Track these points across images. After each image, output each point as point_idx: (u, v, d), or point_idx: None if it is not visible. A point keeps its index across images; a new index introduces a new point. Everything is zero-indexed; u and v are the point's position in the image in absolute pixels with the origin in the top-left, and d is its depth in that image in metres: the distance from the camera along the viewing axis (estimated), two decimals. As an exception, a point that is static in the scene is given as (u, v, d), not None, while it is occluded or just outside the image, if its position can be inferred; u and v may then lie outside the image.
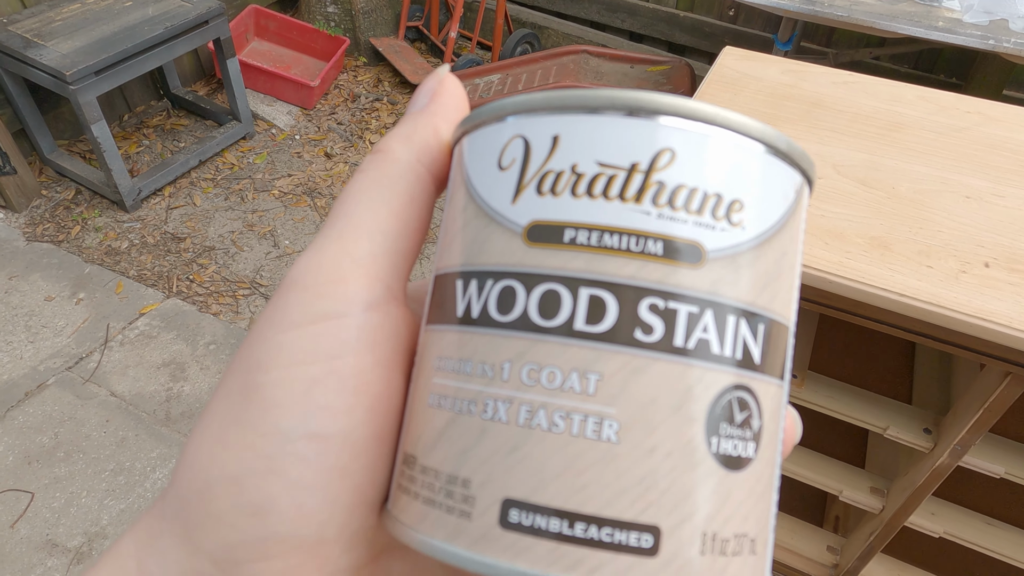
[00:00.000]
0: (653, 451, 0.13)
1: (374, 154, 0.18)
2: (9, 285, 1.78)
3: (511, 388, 0.14)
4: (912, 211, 0.73)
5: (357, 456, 0.16)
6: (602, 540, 0.13)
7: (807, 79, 0.94)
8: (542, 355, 0.14)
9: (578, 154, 0.14)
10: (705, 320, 0.14)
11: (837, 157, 0.80)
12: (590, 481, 0.13)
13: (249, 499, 0.15)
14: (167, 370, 1.61)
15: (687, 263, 0.14)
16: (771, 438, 0.15)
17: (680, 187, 0.14)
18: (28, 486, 1.37)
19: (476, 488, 0.14)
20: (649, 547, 0.13)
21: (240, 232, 1.99)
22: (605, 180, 0.14)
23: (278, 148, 2.29)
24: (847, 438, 1.09)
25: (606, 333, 0.14)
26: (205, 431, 0.16)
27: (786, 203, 0.15)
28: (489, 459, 0.14)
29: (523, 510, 0.13)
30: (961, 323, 0.63)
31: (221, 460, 0.15)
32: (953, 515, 0.90)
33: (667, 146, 0.14)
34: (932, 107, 0.89)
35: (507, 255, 0.15)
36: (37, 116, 1.99)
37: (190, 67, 2.48)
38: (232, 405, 0.16)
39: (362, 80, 2.63)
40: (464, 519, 0.14)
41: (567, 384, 0.13)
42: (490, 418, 0.14)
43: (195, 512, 0.15)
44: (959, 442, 0.75)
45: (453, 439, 0.14)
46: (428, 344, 0.17)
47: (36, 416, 1.49)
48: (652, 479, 0.13)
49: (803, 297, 0.70)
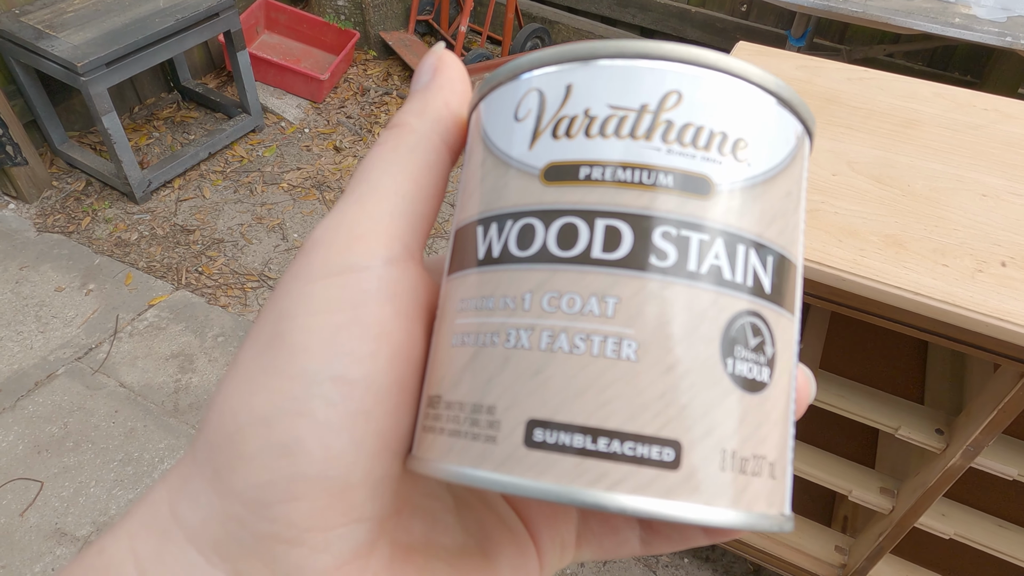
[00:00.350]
0: (671, 369, 0.14)
1: (390, 128, 0.19)
2: (20, 275, 1.79)
3: (533, 316, 0.14)
4: (927, 209, 0.72)
5: (380, 401, 0.16)
6: (624, 454, 0.14)
7: (821, 75, 0.93)
8: (562, 283, 0.14)
9: (591, 99, 0.15)
10: (716, 247, 0.15)
11: (851, 154, 0.80)
12: (612, 398, 0.14)
13: (278, 439, 0.16)
14: (176, 361, 1.61)
15: (697, 194, 0.15)
16: (785, 368, 0.16)
17: (688, 125, 0.15)
18: (37, 475, 1.38)
19: (501, 413, 0.14)
20: (671, 460, 0.14)
21: (249, 225, 1.99)
22: (617, 121, 0.15)
23: (287, 141, 2.29)
24: (857, 437, 1.08)
25: (623, 260, 0.14)
26: (234, 377, 0.17)
27: (788, 147, 0.16)
28: (513, 384, 0.14)
29: (547, 429, 0.14)
30: (977, 322, 0.62)
31: (250, 403, 0.16)
32: (964, 516, 0.89)
33: (674, 88, 0.15)
34: (948, 104, 0.88)
35: (526, 196, 0.16)
36: (48, 107, 2.00)
37: (200, 59, 2.49)
38: (260, 352, 0.16)
39: (372, 74, 2.63)
40: (490, 443, 0.14)
41: (587, 308, 0.14)
42: (513, 346, 0.14)
43: (225, 454, 0.16)
44: (972, 443, 0.74)
45: (477, 370, 0.15)
46: (450, 292, 0.17)
47: (46, 406, 1.50)
48: (672, 395, 0.14)
49: (816, 295, 0.69)
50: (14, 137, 1.86)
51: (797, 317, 0.17)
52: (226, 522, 0.16)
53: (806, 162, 0.18)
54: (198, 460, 0.17)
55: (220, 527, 0.16)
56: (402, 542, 0.18)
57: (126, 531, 0.17)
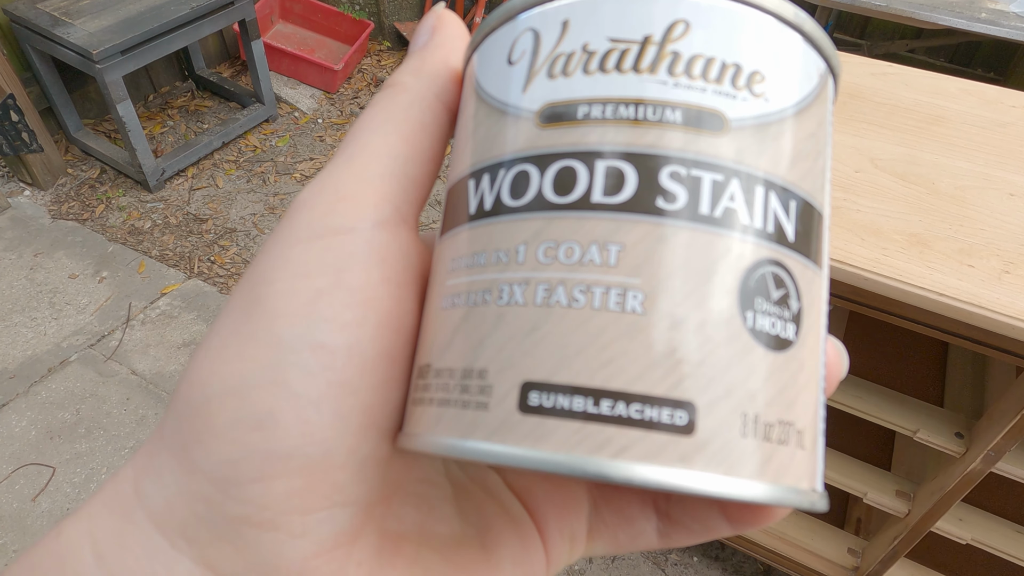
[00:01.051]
0: (683, 322, 0.12)
1: (385, 88, 0.18)
2: (34, 262, 1.80)
3: (527, 269, 0.13)
4: (953, 208, 0.71)
5: (365, 373, 0.15)
6: (631, 417, 0.12)
7: (844, 69, 0.91)
8: (559, 231, 0.13)
9: (589, 33, 0.14)
10: (731, 189, 0.13)
11: (875, 150, 0.78)
12: (616, 355, 0.12)
13: (251, 411, 0.14)
14: (187, 350, 1.62)
15: (709, 130, 0.13)
16: (813, 326, 0.14)
17: (696, 56, 0.13)
18: (50, 461, 1.39)
19: (493, 376, 0.13)
20: (684, 424, 0.12)
21: (261, 215, 2.00)
22: (618, 54, 0.13)
23: (300, 131, 2.29)
24: (873, 439, 1.06)
25: (626, 203, 0.13)
26: (207, 346, 0.15)
27: (810, 84, 0.15)
28: (506, 344, 0.13)
29: (544, 391, 0.12)
30: (1003, 325, 0.60)
31: (221, 372, 0.15)
32: (982, 522, 0.88)
33: (681, 17, 0.13)
34: (975, 100, 0.86)
35: (519, 141, 0.14)
36: (64, 95, 2.00)
37: (215, 48, 2.49)
38: (235, 319, 0.15)
39: (386, 65, 2.62)
40: (481, 411, 0.13)
41: (586, 258, 0.13)
42: (506, 303, 0.13)
43: (194, 428, 0.14)
44: (993, 448, 0.73)
45: (468, 332, 0.13)
46: (441, 253, 0.16)
47: (58, 392, 1.51)
48: (684, 352, 0.12)
49: (836, 294, 0.68)
50: (30, 124, 1.87)
51: (826, 272, 0.15)
52: (193, 502, 0.14)
53: (830, 105, 0.16)
54: (165, 435, 0.15)
55: (187, 508, 0.14)
56: (392, 531, 0.16)
57: (87, 513, 0.15)
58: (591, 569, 1.28)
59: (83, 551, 0.15)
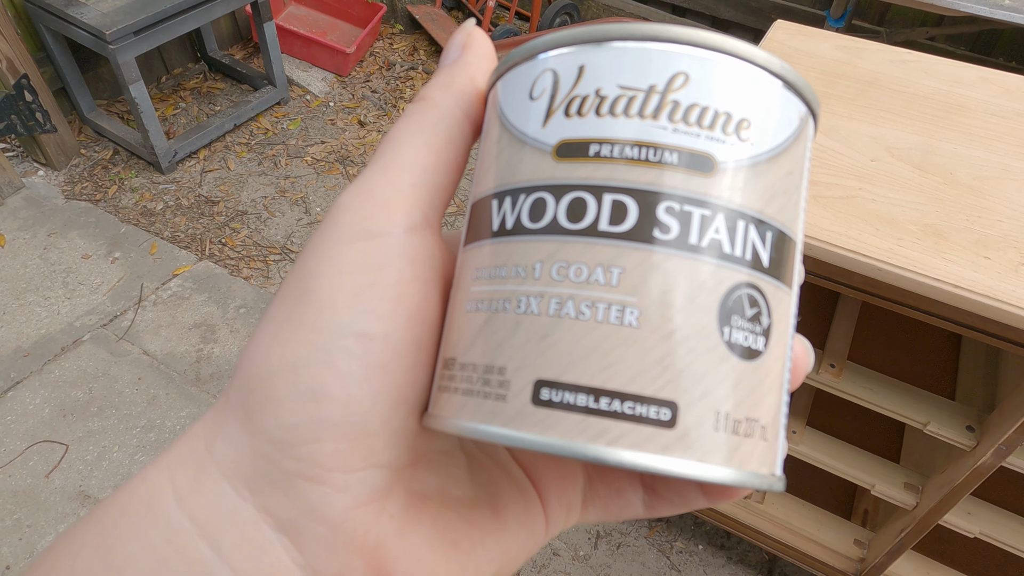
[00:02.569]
0: (671, 335, 0.15)
1: (416, 101, 0.20)
2: (48, 242, 1.81)
3: (542, 284, 0.15)
4: (970, 199, 0.70)
5: (398, 356, 0.17)
6: (624, 412, 0.14)
7: (863, 56, 0.90)
8: (570, 254, 0.15)
9: (602, 80, 0.16)
10: (717, 222, 0.15)
11: (891, 139, 0.77)
12: (614, 361, 0.15)
13: (305, 386, 0.17)
14: (198, 331, 1.63)
15: (700, 172, 0.15)
16: (780, 339, 0.17)
17: (693, 105, 0.15)
18: (63, 438, 1.41)
19: (511, 373, 0.15)
20: (667, 420, 0.15)
21: (272, 198, 2.00)
22: (626, 100, 0.16)
23: (312, 115, 2.28)
24: (882, 431, 1.06)
25: (628, 232, 0.15)
26: (264, 330, 0.18)
27: (791, 128, 0.17)
28: (522, 347, 0.15)
29: (553, 388, 0.15)
30: (1019, 318, 0.59)
31: (279, 353, 0.17)
32: (991, 516, 0.87)
33: (681, 70, 0.15)
34: (996, 89, 0.84)
35: (538, 171, 0.17)
36: (77, 75, 2.01)
37: (227, 30, 2.48)
38: (288, 307, 0.18)
39: (398, 48, 2.60)
40: (500, 401, 0.15)
41: (593, 277, 0.15)
42: (523, 311, 0.15)
43: (256, 398, 0.17)
44: (1004, 442, 0.72)
45: (489, 334, 0.16)
46: (466, 261, 0.18)
47: (71, 371, 1.53)
48: (670, 359, 0.15)
49: (848, 284, 0.67)
50: (44, 104, 1.88)
51: (795, 291, 0.18)
52: (256, 459, 0.17)
53: (809, 143, 0.18)
54: (231, 403, 0.18)
55: (250, 464, 0.17)
56: (416, 491, 0.19)
57: (166, 463, 0.18)
58: (596, 555, 1.29)
59: (166, 494, 0.17)
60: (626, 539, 1.32)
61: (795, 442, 0.94)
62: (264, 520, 0.17)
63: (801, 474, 1.14)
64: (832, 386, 0.84)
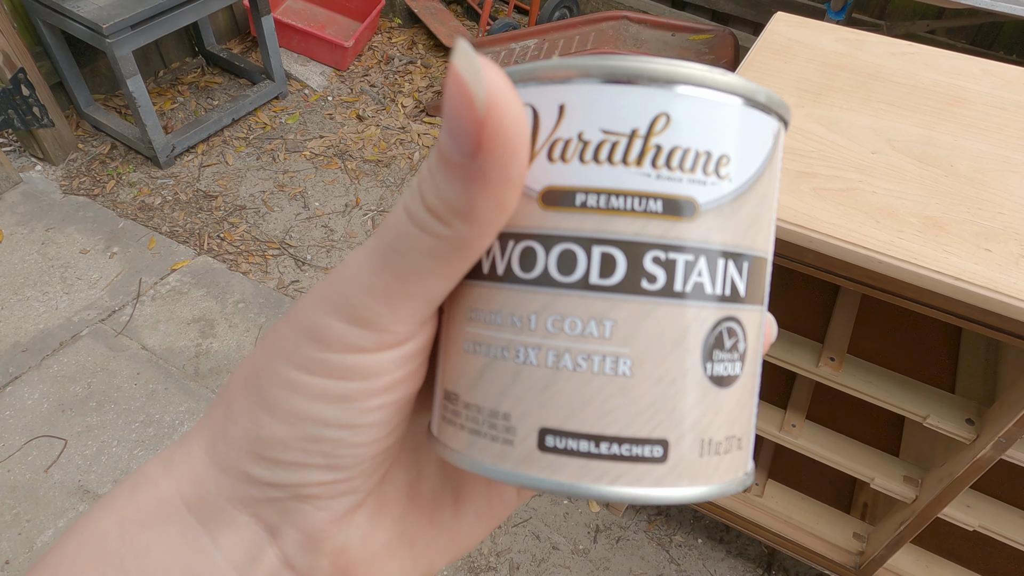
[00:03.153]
0: (660, 380, 0.16)
1: (420, 227, 0.16)
2: (46, 237, 1.81)
3: (539, 336, 0.16)
4: (971, 191, 0.69)
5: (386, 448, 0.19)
6: (622, 455, 0.16)
7: (863, 48, 0.90)
8: (563, 307, 0.16)
9: (583, 122, 0.16)
10: (699, 266, 0.16)
11: (892, 132, 0.76)
12: (611, 409, 0.16)
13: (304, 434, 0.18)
14: (197, 326, 1.63)
15: (683, 217, 0.16)
16: (754, 354, 0.18)
17: (675, 148, 0.16)
18: (61, 433, 1.41)
19: (516, 420, 0.16)
20: (660, 456, 0.16)
21: (271, 192, 1.99)
22: (609, 146, 0.15)
23: (310, 109, 2.28)
24: (882, 424, 1.05)
25: (617, 285, 0.16)
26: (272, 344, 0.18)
27: (765, 149, 0.17)
28: (525, 396, 0.16)
29: (557, 436, 0.16)
30: (1019, 311, 0.59)
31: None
32: (990, 509, 0.87)
33: (662, 111, 0.15)
34: (997, 81, 0.84)
35: (525, 218, 0.16)
36: (75, 69, 2.00)
37: (225, 24, 2.47)
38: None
39: (396, 42, 2.59)
40: (507, 445, 0.16)
41: (587, 331, 0.16)
42: (522, 362, 0.16)
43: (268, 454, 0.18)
44: (1004, 435, 0.72)
45: (491, 380, 0.17)
46: (459, 295, 0.18)
47: (70, 366, 1.52)
48: (661, 403, 0.16)
49: (848, 276, 0.67)
50: (41, 99, 1.87)
51: (766, 303, 0.19)
52: (250, 486, 0.18)
53: (781, 151, 0.18)
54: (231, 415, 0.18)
55: (253, 492, 0.18)
56: (386, 494, 0.20)
57: (172, 475, 0.19)
58: (596, 548, 1.29)
59: (176, 502, 0.18)
60: (625, 533, 1.32)
61: (794, 436, 0.94)
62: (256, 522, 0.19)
63: (800, 468, 1.14)
64: (832, 379, 0.84)
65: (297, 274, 1.78)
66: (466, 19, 2.73)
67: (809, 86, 0.82)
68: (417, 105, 2.33)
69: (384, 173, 2.08)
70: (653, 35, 2.25)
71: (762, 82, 0.83)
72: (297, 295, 1.72)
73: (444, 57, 2.54)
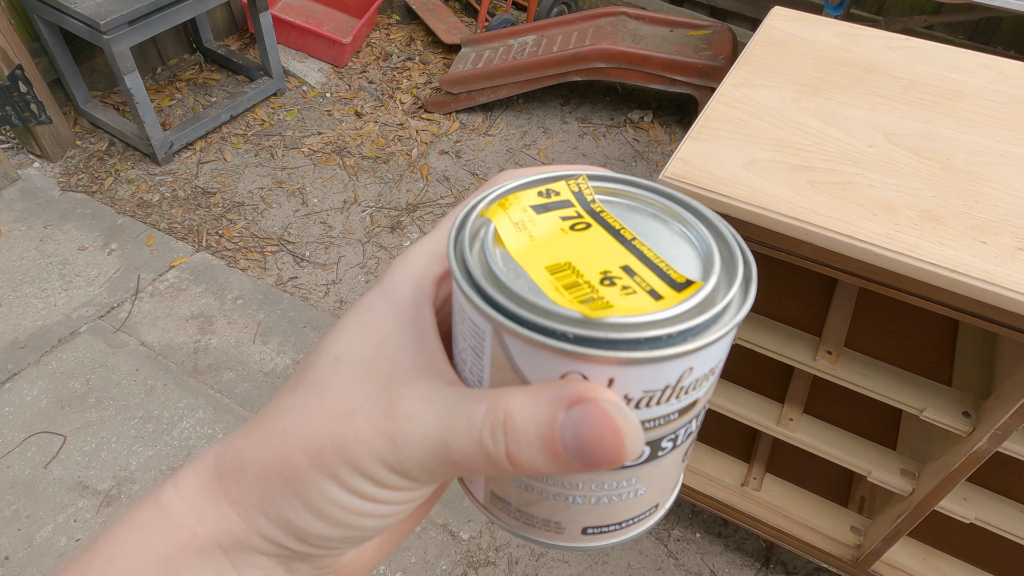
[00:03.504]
0: (663, 487, 0.23)
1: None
2: (44, 234, 1.81)
3: (584, 491, 0.22)
4: (967, 184, 0.70)
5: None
6: (636, 524, 0.24)
7: (861, 43, 0.90)
8: (604, 476, 0.22)
9: (628, 388, 0.19)
10: (692, 428, 0.22)
11: (889, 125, 0.76)
12: (631, 508, 0.23)
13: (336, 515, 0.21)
14: (195, 323, 1.63)
15: (686, 413, 0.21)
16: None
17: (694, 382, 0.20)
18: (60, 429, 1.41)
19: (565, 525, 0.23)
20: (653, 511, 0.24)
21: (269, 189, 1.99)
22: (647, 399, 0.20)
23: (308, 105, 2.28)
24: (879, 418, 1.06)
25: (644, 461, 0.21)
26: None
27: (741, 314, 0.20)
28: (573, 517, 0.23)
29: (595, 529, 0.23)
30: (1015, 303, 0.59)
31: None
32: (987, 501, 0.87)
33: (689, 365, 0.19)
34: (994, 76, 0.84)
35: None
36: (72, 66, 1.99)
37: (223, 21, 2.47)
38: None
39: (394, 38, 2.59)
40: (558, 533, 0.23)
41: (620, 485, 0.22)
42: (571, 502, 0.22)
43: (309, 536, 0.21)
44: (1000, 427, 0.72)
45: (545, 505, 0.23)
46: None
47: (69, 362, 1.53)
48: (658, 494, 0.23)
49: (845, 270, 0.67)
50: (38, 95, 1.87)
51: None
52: (290, 552, 0.21)
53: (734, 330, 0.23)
54: (267, 500, 0.21)
55: (288, 553, 0.22)
56: None
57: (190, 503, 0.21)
58: (594, 543, 1.29)
59: (214, 546, 0.21)
60: (624, 527, 1.32)
61: (792, 429, 0.95)
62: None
63: (798, 461, 1.14)
64: (829, 373, 0.84)
65: (295, 270, 1.78)
66: (464, 15, 2.73)
67: (806, 80, 0.83)
68: (415, 101, 2.33)
69: (382, 169, 2.08)
70: (651, 30, 2.25)
71: (760, 76, 0.83)
72: (295, 291, 1.73)
73: (442, 53, 2.54)
